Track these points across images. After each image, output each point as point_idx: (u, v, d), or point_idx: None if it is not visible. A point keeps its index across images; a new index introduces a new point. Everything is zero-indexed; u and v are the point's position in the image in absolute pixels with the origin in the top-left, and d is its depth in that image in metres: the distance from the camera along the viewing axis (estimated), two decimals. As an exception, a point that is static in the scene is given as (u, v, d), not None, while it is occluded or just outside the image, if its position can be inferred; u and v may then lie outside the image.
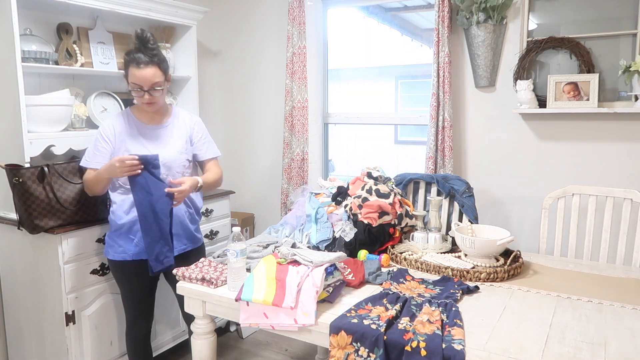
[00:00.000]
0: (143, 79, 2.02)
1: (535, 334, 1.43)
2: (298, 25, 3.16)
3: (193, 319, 1.85)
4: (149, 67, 2.02)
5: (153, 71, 2.03)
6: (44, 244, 2.25)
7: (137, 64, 2.02)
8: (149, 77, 2.02)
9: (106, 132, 2.12)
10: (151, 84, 2.04)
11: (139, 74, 2.01)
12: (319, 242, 2.07)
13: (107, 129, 2.13)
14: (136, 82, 2.03)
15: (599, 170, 2.60)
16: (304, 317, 1.55)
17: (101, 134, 2.12)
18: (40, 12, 2.49)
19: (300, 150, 3.26)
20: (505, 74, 2.76)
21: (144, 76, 2.02)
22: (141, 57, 2.02)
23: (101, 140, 2.12)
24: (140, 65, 2.01)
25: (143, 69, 2.01)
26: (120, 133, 2.13)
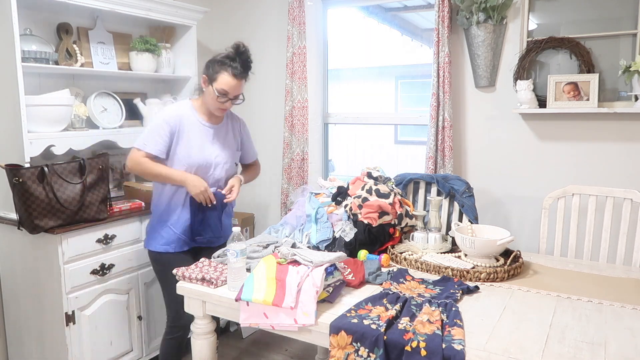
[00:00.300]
0: (234, 88, 2.09)
1: (535, 334, 1.43)
2: (298, 25, 3.16)
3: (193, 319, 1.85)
4: (242, 80, 2.12)
5: (243, 83, 2.13)
6: (44, 244, 2.25)
7: (233, 72, 2.07)
8: (239, 88, 2.12)
9: (172, 120, 2.13)
10: (237, 94, 2.14)
11: (232, 83, 2.08)
12: (319, 242, 2.07)
13: (174, 118, 2.14)
14: (226, 88, 2.08)
15: (599, 170, 2.60)
16: (304, 317, 1.55)
17: (167, 122, 2.12)
18: (40, 12, 2.49)
19: (300, 150, 3.26)
20: (505, 74, 2.76)
21: (235, 86, 2.09)
22: (239, 68, 2.08)
23: (166, 128, 2.12)
24: (237, 76, 2.08)
25: (238, 79, 2.09)
26: (184, 125, 2.15)
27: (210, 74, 2.11)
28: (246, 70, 2.12)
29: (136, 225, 2.54)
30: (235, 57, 2.09)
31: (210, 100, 2.13)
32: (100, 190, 2.38)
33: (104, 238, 2.38)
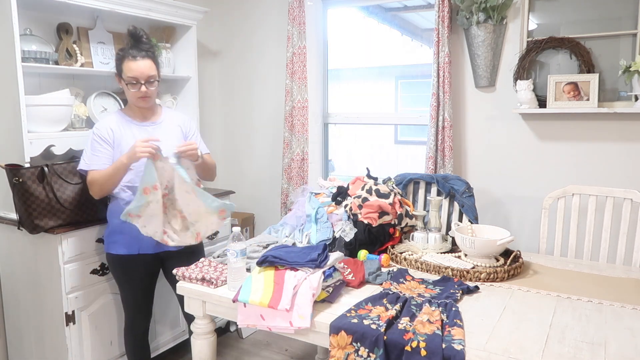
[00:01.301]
0: (139, 71, 2.04)
1: (535, 334, 1.43)
2: (298, 25, 3.16)
3: (193, 319, 1.85)
4: (145, 59, 2.06)
5: (149, 64, 2.07)
6: (44, 244, 2.25)
7: (132, 56, 2.04)
8: (145, 69, 2.05)
9: (102, 133, 2.10)
10: (147, 76, 2.07)
11: (135, 66, 2.04)
12: (319, 242, 2.07)
13: (103, 130, 2.11)
14: (132, 75, 2.04)
15: (599, 170, 2.60)
16: (299, 319, 1.54)
17: (98, 136, 2.10)
18: (40, 12, 2.49)
19: (300, 150, 3.26)
20: (505, 74, 2.76)
21: (140, 68, 2.04)
22: (136, 51, 2.06)
23: (100, 142, 2.10)
24: (137, 58, 2.04)
25: (139, 61, 2.05)
26: (116, 132, 2.12)
27: (117, 70, 2.10)
28: (144, 50, 2.07)
29: (136, 225, 2.54)
30: (133, 44, 2.07)
31: (128, 93, 2.11)
32: (100, 190, 2.37)
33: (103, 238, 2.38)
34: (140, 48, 2.07)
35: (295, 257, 1.71)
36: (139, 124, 2.17)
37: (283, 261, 1.71)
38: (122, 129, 2.13)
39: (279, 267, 1.71)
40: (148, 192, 1.92)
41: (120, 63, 2.07)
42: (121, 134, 2.12)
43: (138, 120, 2.18)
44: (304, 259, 1.69)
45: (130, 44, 2.08)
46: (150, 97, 2.13)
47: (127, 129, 2.14)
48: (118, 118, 2.16)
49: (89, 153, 2.10)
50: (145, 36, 2.10)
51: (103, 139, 2.10)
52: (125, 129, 2.14)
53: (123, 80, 2.09)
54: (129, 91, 2.10)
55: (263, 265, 1.72)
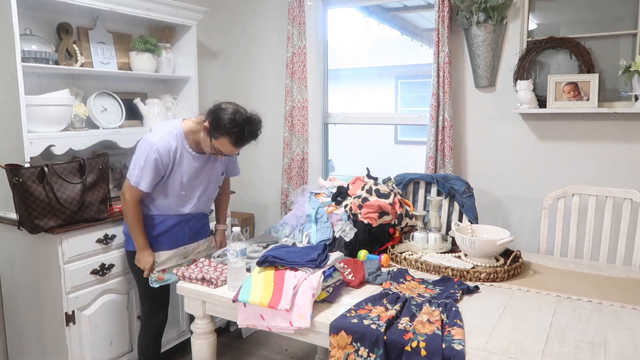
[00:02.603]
0: (230, 151, 2.05)
1: (535, 334, 1.43)
2: (298, 26, 3.16)
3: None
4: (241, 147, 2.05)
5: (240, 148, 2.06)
6: (44, 244, 2.25)
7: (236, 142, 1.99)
8: (234, 150, 2.05)
9: (164, 155, 2.05)
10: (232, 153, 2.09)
11: (231, 149, 2.02)
12: (319, 242, 2.07)
13: (166, 153, 2.05)
14: (222, 151, 2.03)
15: (599, 170, 2.60)
16: (299, 319, 1.54)
17: (159, 158, 2.04)
18: (40, 12, 2.49)
19: (300, 150, 3.26)
20: (505, 74, 2.76)
21: (233, 151, 2.04)
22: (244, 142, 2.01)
23: (158, 164, 2.05)
24: (239, 146, 2.02)
25: (239, 148, 2.04)
26: (175, 158, 2.09)
27: (213, 128, 1.99)
28: (247, 143, 2.04)
29: (136, 225, 2.54)
30: (244, 127, 1.97)
31: (206, 146, 2.07)
32: (100, 190, 2.37)
33: (104, 238, 2.38)
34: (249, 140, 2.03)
35: (295, 257, 1.71)
36: (192, 153, 2.13)
37: (283, 261, 1.71)
38: (179, 154, 2.09)
39: (279, 267, 1.71)
40: None
41: (221, 132, 1.97)
42: (179, 160, 2.10)
43: (193, 149, 2.13)
44: (304, 259, 1.69)
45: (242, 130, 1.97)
46: None
47: (184, 155, 2.11)
48: (178, 141, 2.09)
49: (144, 170, 2.04)
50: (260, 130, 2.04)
51: (162, 161, 2.05)
52: (183, 154, 2.10)
53: (211, 140, 2.01)
54: (207, 147, 2.06)
55: (263, 265, 1.72)
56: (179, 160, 2.10)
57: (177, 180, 2.13)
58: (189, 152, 2.12)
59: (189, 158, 2.12)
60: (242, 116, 1.98)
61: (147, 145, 2.04)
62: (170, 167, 2.09)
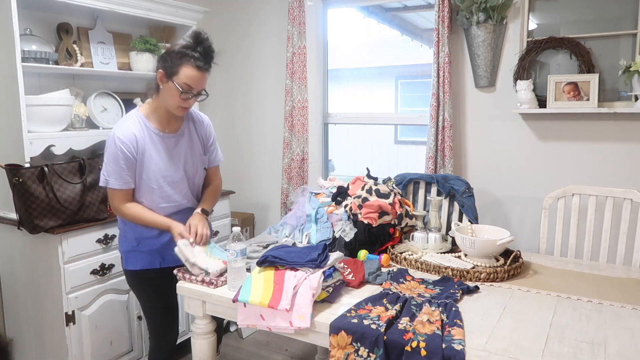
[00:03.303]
0: (198, 82, 1.85)
1: (535, 334, 1.43)
2: (298, 25, 3.16)
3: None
4: (206, 73, 1.87)
5: (206, 77, 1.88)
6: (44, 244, 2.25)
7: (197, 64, 1.82)
8: (203, 80, 1.87)
9: (128, 145, 1.86)
10: (201, 88, 1.89)
11: (197, 76, 1.83)
12: (319, 242, 2.07)
13: (128, 142, 1.87)
14: (190, 83, 1.83)
15: (599, 170, 2.60)
16: (299, 319, 1.54)
17: (122, 149, 1.85)
18: (40, 12, 2.49)
19: (300, 150, 3.26)
20: (505, 74, 2.76)
21: (200, 79, 1.85)
22: (202, 59, 1.84)
23: (126, 155, 1.87)
24: (201, 68, 1.84)
25: (203, 72, 1.85)
26: (140, 144, 1.90)
27: (168, 68, 1.83)
28: (209, 62, 1.86)
29: (136, 225, 2.54)
30: (195, 47, 1.83)
31: (171, 98, 1.86)
32: (100, 190, 2.37)
33: (104, 238, 2.38)
34: (207, 59, 1.85)
35: (295, 257, 1.71)
36: (162, 135, 1.95)
37: (283, 261, 1.71)
38: (144, 138, 1.91)
39: (279, 267, 1.71)
40: None
41: (178, 64, 1.82)
42: (144, 146, 1.90)
43: (160, 130, 1.95)
44: (304, 259, 1.69)
45: (194, 47, 1.84)
46: (189, 109, 1.97)
47: (149, 139, 1.92)
48: (139, 126, 1.92)
49: (110, 165, 1.87)
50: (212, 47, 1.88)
51: (128, 152, 1.86)
52: (147, 139, 1.92)
53: (172, 82, 1.83)
54: (173, 97, 1.86)
55: (263, 265, 1.72)
56: (147, 145, 1.91)
57: (154, 167, 1.92)
58: (156, 133, 1.93)
59: (157, 139, 1.94)
60: (190, 40, 1.85)
61: (109, 140, 1.89)
62: (138, 154, 1.89)
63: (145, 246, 2.00)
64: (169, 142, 1.97)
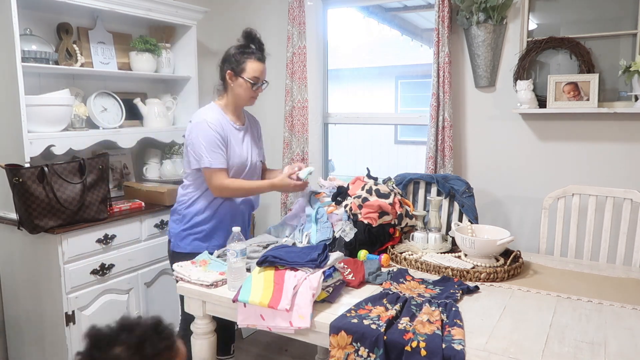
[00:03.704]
0: (263, 72, 2.18)
1: (535, 334, 1.43)
2: (298, 25, 3.16)
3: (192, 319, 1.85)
4: (265, 63, 2.20)
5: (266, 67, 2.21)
6: (44, 244, 2.25)
7: (258, 57, 2.16)
8: (265, 71, 2.20)
9: (219, 129, 2.13)
10: (265, 77, 2.21)
11: (261, 67, 2.16)
12: (319, 242, 2.07)
13: (219, 127, 2.13)
14: (257, 74, 2.15)
15: (599, 170, 2.60)
16: (299, 320, 1.54)
17: (217, 132, 2.11)
18: (40, 12, 2.49)
19: (300, 150, 3.26)
20: (505, 74, 2.76)
21: (264, 70, 2.18)
22: (261, 54, 2.19)
23: (219, 138, 2.12)
24: (261, 59, 2.17)
25: (263, 63, 2.18)
26: (226, 130, 2.16)
27: (235, 67, 2.15)
28: (264, 54, 2.20)
29: (136, 225, 2.54)
30: (251, 44, 2.18)
31: (243, 92, 2.17)
32: (100, 190, 2.38)
33: (104, 238, 2.38)
34: (263, 51, 2.20)
35: (295, 257, 1.71)
36: (235, 126, 2.22)
37: (283, 261, 1.71)
38: (227, 127, 2.18)
39: (279, 267, 1.71)
40: None
41: (243, 62, 2.14)
42: (227, 134, 2.17)
43: (234, 122, 2.23)
44: (304, 259, 1.69)
45: (248, 45, 2.18)
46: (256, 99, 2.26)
47: (229, 129, 2.19)
48: (220, 117, 2.17)
49: (211, 149, 2.09)
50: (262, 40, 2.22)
51: (219, 134, 2.12)
52: (227, 130, 2.17)
53: (242, 78, 2.14)
54: (246, 90, 2.17)
55: (263, 265, 1.72)
56: (228, 133, 2.16)
57: (233, 154, 2.17)
58: (232, 124, 2.20)
59: (233, 130, 2.20)
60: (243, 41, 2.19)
61: (199, 127, 2.11)
62: (226, 138, 2.15)
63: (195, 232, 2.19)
64: (239, 134, 2.24)
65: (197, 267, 1.91)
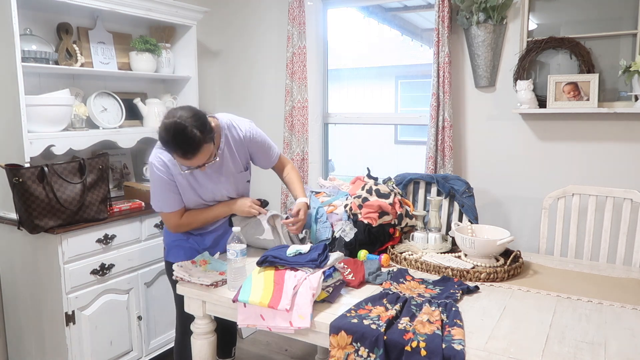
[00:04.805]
0: (193, 163, 1.84)
1: (535, 334, 1.43)
2: (298, 25, 3.16)
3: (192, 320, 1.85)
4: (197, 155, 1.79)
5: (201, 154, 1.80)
6: (44, 244, 2.25)
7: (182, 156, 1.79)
8: (198, 160, 1.82)
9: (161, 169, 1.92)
10: (201, 163, 1.86)
11: (188, 163, 1.83)
12: (319, 242, 2.07)
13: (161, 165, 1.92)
14: (186, 165, 1.85)
15: (599, 170, 2.60)
16: (299, 319, 1.54)
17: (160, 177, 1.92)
18: (40, 12, 2.49)
19: (300, 150, 3.26)
20: (505, 74, 2.76)
21: (193, 162, 1.82)
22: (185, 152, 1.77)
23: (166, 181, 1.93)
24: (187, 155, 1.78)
25: (191, 159, 1.80)
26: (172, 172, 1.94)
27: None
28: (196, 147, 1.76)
29: (136, 225, 2.54)
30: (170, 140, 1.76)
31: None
32: (100, 190, 2.38)
33: (104, 238, 2.38)
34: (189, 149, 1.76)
35: (295, 257, 1.72)
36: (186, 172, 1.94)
37: (283, 261, 1.71)
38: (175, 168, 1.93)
39: (279, 267, 1.71)
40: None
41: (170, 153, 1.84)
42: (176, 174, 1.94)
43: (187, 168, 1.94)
44: (304, 259, 1.69)
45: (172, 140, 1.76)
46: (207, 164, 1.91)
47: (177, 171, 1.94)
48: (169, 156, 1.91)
49: (160, 196, 1.96)
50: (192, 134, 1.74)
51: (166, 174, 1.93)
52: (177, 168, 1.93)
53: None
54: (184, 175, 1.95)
55: (263, 265, 1.72)
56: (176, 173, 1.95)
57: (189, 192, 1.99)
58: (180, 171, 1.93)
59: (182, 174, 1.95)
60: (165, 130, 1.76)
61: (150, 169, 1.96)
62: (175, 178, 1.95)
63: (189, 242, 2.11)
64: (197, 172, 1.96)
65: (197, 267, 1.90)
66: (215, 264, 1.93)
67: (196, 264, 1.92)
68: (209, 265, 1.93)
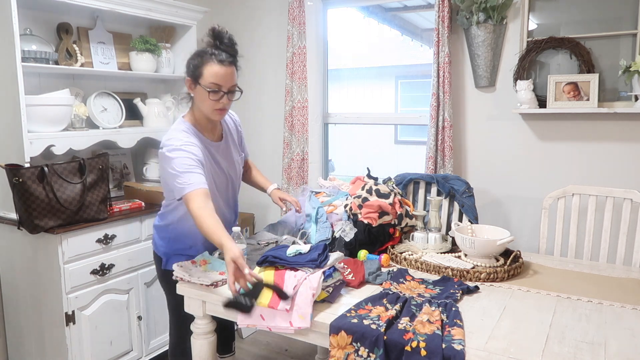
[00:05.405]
0: (225, 79, 1.75)
1: (535, 334, 1.43)
2: (298, 25, 3.16)
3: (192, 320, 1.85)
4: (232, 67, 1.78)
5: (234, 72, 1.79)
6: (44, 244, 2.25)
7: (219, 59, 1.74)
8: (231, 77, 1.77)
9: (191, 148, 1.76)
10: (231, 85, 1.79)
11: (221, 72, 1.74)
12: (319, 242, 2.07)
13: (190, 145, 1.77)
14: (216, 81, 1.74)
15: (599, 170, 2.60)
16: (299, 320, 1.54)
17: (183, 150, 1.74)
18: (40, 12, 2.49)
19: (300, 150, 3.26)
20: (505, 74, 2.76)
21: (225, 75, 1.75)
22: (222, 54, 1.76)
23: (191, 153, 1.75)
24: (224, 62, 1.75)
25: (226, 66, 1.75)
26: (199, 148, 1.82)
27: (193, 72, 1.78)
28: (232, 54, 1.78)
29: (136, 225, 2.54)
30: (214, 42, 1.77)
31: (203, 102, 1.79)
32: (100, 190, 2.38)
33: (104, 238, 2.38)
34: (230, 51, 1.78)
35: (295, 257, 1.71)
36: (210, 143, 1.89)
37: (283, 261, 1.71)
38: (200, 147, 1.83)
39: (279, 267, 1.71)
40: None
41: (200, 65, 1.76)
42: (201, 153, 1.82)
43: (209, 139, 1.90)
44: (304, 259, 1.69)
45: (215, 45, 1.77)
46: (226, 111, 1.86)
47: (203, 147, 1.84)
48: (190, 133, 1.83)
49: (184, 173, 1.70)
50: (233, 39, 1.81)
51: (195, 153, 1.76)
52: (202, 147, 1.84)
53: (200, 85, 1.77)
54: (205, 100, 1.78)
55: (263, 265, 1.72)
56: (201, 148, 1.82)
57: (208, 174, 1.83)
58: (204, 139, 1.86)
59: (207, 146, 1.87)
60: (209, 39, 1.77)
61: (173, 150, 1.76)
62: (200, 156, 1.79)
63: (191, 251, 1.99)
64: (216, 149, 1.93)
65: (197, 267, 1.90)
66: (215, 264, 1.93)
67: (196, 264, 1.92)
68: (209, 265, 1.93)
